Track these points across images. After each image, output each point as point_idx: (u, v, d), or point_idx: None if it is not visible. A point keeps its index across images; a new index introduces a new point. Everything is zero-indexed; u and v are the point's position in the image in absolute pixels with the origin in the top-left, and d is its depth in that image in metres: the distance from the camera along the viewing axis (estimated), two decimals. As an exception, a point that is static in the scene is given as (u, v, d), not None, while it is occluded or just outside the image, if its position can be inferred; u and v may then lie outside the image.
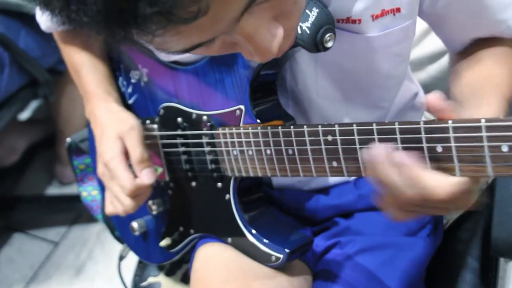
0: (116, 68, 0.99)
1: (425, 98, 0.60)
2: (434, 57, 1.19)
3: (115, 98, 0.93)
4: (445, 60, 1.19)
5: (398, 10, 0.75)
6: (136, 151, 0.85)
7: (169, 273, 1.07)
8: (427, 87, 1.19)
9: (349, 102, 0.85)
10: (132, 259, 1.12)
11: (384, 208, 0.64)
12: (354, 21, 0.74)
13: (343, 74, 0.81)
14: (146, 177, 0.84)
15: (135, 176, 0.84)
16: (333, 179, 0.93)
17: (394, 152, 0.60)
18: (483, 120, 0.55)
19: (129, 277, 1.14)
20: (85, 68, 0.96)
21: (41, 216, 2.06)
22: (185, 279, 1.06)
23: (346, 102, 0.85)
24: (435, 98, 0.58)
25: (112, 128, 0.87)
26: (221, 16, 0.48)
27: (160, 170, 0.90)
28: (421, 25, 1.17)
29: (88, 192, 1.18)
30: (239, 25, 0.51)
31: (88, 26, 0.45)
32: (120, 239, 1.11)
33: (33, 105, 2.26)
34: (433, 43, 1.18)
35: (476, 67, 0.80)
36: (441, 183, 0.58)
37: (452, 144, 0.57)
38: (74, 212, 2.03)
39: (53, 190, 2.14)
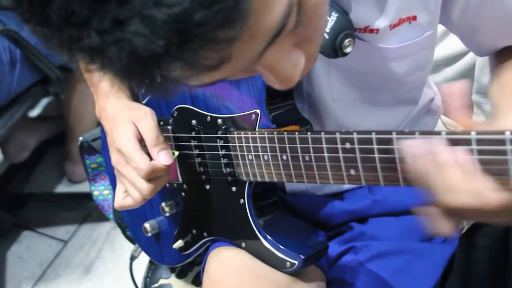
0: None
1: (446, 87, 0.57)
2: (451, 60, 1.18)
3: (127, 95, 0.91)
4: (462, 63, 1.18)
5: (414, 18, 0.74)
6: (151, 134, 0.81)
7: (181, 275, 1.07)
8: (443, 90, 1.18)
9: (364, 103, 0.84)
10: (142, 260, 1.11)
11: (430, 216, 0.58)
12: (372, 31, 0.73)
13: (356, 77, 0.81)
14: (164, 157, 0.79)
15: (151, 159, 0.80)
16: (347, 185, 0.92)
17: (436, 146, 0.56)
18: (507, 133, 0.53)
19: (139, 277, 1.13)
20: None
21: (51, 214, 2.07)
22: (197, 281, 1.05)
23: (361, 104, 0.84)
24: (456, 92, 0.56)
25: (124, 115, 0.84)
26: (243, 59, 0.47)
27: (176, 153, 0.85)
28: (438, 27, 1.17)
29: (100, 191, 1.18)
30: (262, 58, 0.50)
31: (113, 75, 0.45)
32: (131, 239, 1.10)
33: (44, 102, 2.27)
34: (450, 45, 1.17)
35: None
36: (498, 189, 0.53)
37: (475, 156, 0.55)
38: (84, 210, 2.03)
39: (63, 188, 2.14)
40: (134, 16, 0.40)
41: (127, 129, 0.82)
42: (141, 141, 0.82)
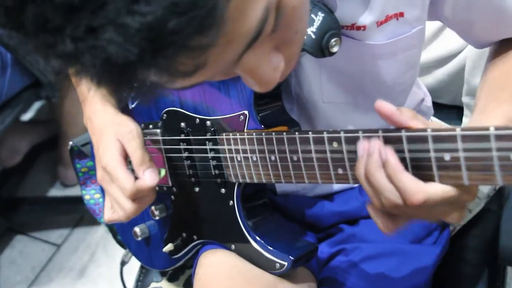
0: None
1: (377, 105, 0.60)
2: (441, 62, 1.18)
3: (112, 103, 0.91)
4: (452, 64, 1.18)
5: (402, 14, 0.74)
6: (137, 152, 0.81)
7: (172, 278, 1.06)
8: (434, 92, 1.18)
9: (355, 106, 0.84)
10: (135, 263, 1.11)
11: (374, 217, 0.63)
12: (359, 28, 0.73)
13: (348, 79, 0.80)
14: (149, 177, 0.78)
15: (136, 179, 0.80)
16: (337, 186, 0.92)
17: (379, 148, 0.59)
18: (492, 129, 0.53)
19: (131, 281, 1.13)
20: None
21: (44, 218, 2.06)
22: (188, 284, 1.05)
23: (352, 107, 0.84)
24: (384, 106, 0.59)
25: (109, 131, 0.84)
26: (220, 63, 0.48)
27: (163, 172, 0.86)
28: (428, 29, 1.17)
29: (91, 195, 1.17)
30: (240, 62, 0.50)
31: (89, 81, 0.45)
32: (122, 244, 1.10)
33: (36, 106, 2.26)
34: (441, 47, 1.17)
35: (501, 65, 0.79)
36: (420, 188, 0.57)
37: (460, 153, 0.56)
38: (77, 214, 2.02)
39: (56, 192, 2.13)
40: (108, 24, 0.40)
41: (113, 147, 0.82)
42: (127, 157, 0.82)
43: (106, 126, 0.85)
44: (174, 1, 0.39)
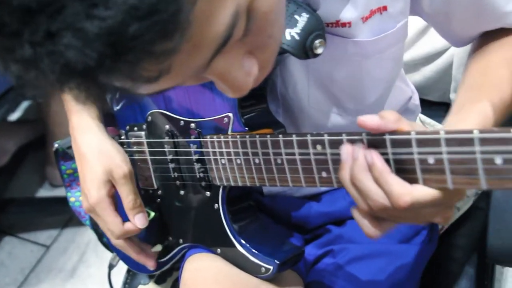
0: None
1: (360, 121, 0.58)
2: (429, 59, 1.18)
3: (97, 114, 0.90)
4: (440, 61, 1.17)
5: (385, 8, 0.72)
6: (130, 198, 0.83)
7: (159, 281, 1.05)
8: (422, 89, 1.17)
9: (341, 109, 0.83)
10: (123, 265, 1.09)
11: (359, 221, 0.62)
12: (344, 25, 0.72)
13: (334, 83, 0.79)
14: (139, 221, 0.83)
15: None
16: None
17: (364, 151, 0.58)
18: (476, 132, 0.53)
19: (119, 282, 1.12)
20: None
21: (32, 219, 2.04)
22: (175, 287, 1.04)
23: (338, 110, 0.83)
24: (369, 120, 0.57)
25: (98, 165, 0.84)
26: (187, 69, 0.46)
27: (152, 214, 0.89)
28: (415, 26, 1.16)
29: (76, 197, 1.16)
30: (210, 67, 0.49)
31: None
32: (107, 246, 1.08)
33: (24, 105, 2.24)
34: (428, 44, 1.16)
35: (480, 62, 0.77)
36: (407, 190, 0.56)
37: (444, 156, 0.55)
38: (66, 214, 2.00)
39: (44, 192, 2.11)
40: (66, 28, 0.38)
41: (101, 188, 0.83)
42: (114, 188, 0.85)
43: (94, 157, 0.85)
44: (134, 5, 0.38)
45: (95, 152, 0.85)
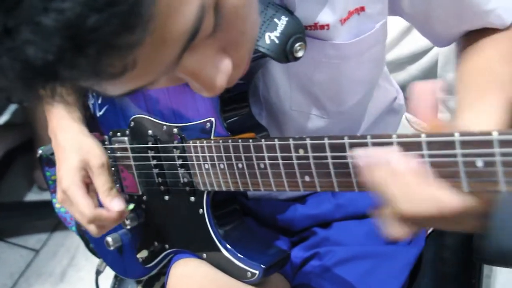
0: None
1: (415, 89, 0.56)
2: (414, 58, 1.18)
3: (78, 116, 0.89)
4: (425, 60, 1.18)
5: (362, 9, 0.72)
6: (106, 187, 0.82)
7: (147, 286, 1.04)
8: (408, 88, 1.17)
9: (323, 111, 0.82)
10: (111, 270, 1.09)
11: (390, 223, 0.56)
12: (322, 27, 0.71)
13: (315, 86, 0.79)
14: (115, 205, 0.80)
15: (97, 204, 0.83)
16: (307, 190, 0.91)
17: (390, 155, 0.54)
18: (457, 134, 0.52)
19: (108, 286, 1.11)
20: None
21: (21, 223, 2.03)
22: (163, 291, 1.03)
23: (320, 112, 0.82)
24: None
25: (74, 157, 0.83)
26: (155, 65, 0.45)
27: (131, 206, 0.88)
28: (399, 25, 1.16)
29: (63, 203, 1.15)
30: (181, 64, 0.48)
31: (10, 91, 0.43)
32: (94, 252, 1.08)
33: (11, 108, 2.22)
34: (413, 43, 1.16)
35: (476, 59, 0.75)
36: (454, 196, 0.52)
37: (426, 159, 0.54)
38: (55, 218, 1.98)
39: (33, 196, 2.10)
40: (23, 23, 0.37)
41: (75, 175, 0.82)
42: (90, 184, 0.83)
43: (72, 150, 0.84)
44: None
45: (74, 146, 0.85)
